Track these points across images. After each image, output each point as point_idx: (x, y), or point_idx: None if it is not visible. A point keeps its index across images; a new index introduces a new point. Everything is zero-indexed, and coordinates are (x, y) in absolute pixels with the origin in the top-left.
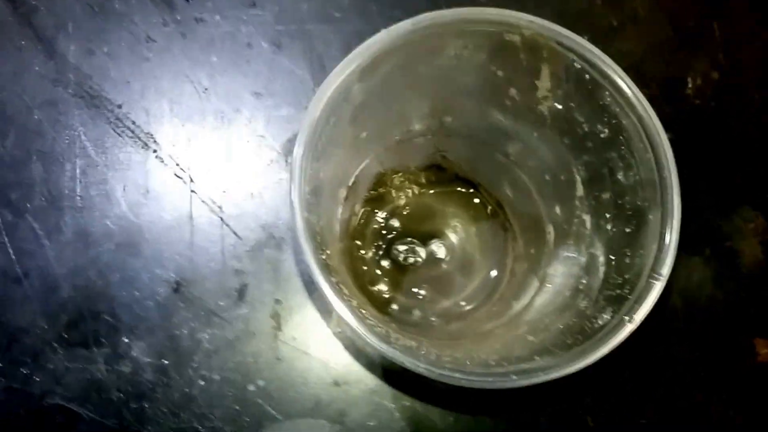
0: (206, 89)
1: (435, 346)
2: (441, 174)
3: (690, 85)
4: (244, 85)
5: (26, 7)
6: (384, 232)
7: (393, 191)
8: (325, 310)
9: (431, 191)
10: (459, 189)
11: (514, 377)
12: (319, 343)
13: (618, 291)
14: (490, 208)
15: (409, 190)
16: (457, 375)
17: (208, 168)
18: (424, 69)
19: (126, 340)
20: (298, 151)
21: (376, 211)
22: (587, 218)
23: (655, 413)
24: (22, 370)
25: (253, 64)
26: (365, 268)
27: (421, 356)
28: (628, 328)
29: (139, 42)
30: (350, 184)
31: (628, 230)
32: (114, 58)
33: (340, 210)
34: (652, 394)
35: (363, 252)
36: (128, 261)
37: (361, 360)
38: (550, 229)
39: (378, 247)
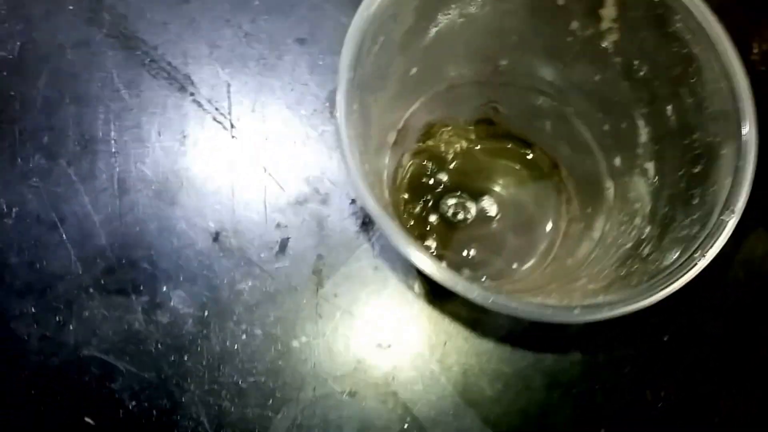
0: (247, 34)
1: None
2: (492, 129)
3: (755, 51)
4: (287, 30)
5: None
6: (432, 186)
7: (442, 144)
8: (370, 267)
9: (482, 146)
10: (510, 146)
11: (577, 311)
12: (361, 303)
13: (686, 231)
14: (543, 167)
15: (458, 145)
16: (513, 305)
17: (249, 114)
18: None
19: (165, 289)
20: (344, 64)
21: (424, 163)
22: (650, 166)
23: (716, 385)
24: (56, 317)
25: (298, 8)
26: (412, 222)
27: (478, 286)
28: (700, 264)
29: None
30: (399, 128)
31: (696, 170)
32: None
33: (387, 158)
34: (714, 367)
35: (410, 206)
36: (166, 209)
37: (404, 322)
38: (610, 185)
39: (426, 202)
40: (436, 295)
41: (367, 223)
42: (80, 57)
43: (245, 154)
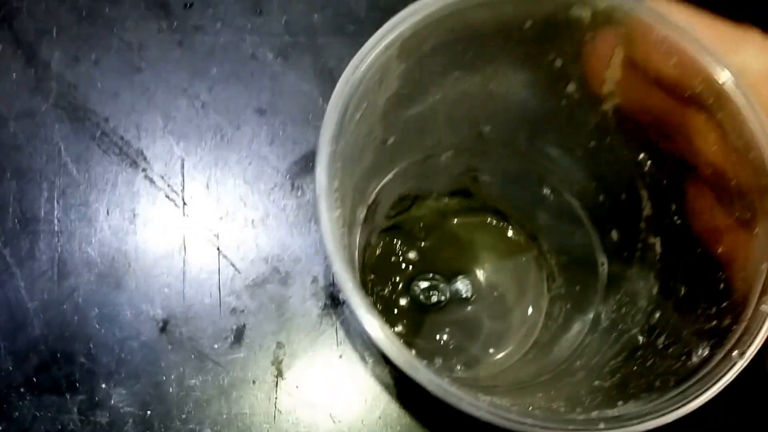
0: (204, 104)
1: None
2: (468, 201)
3: None
4: (246, 100)
5: (6, 9)
6: (402, 266)
7: (414, 220)
8: (334, 355)
9: (456, 221)
10: (487, 219)
11: (602, 425)
12: (326, 394)
13: (714, 323)
14: (521, 241)
15: (431, 220)
16: (528, 421)
17: (203, 191)
18: (472, 53)
19: (104, 387)
20: (325, 137)
21: (394, 241)
22: (656, 241)
23: None
24: None
25: (257, 77)
26: (380, 306)
27: (479, 399)
28: (740, 365)
29: (130, 50)
30: (369, 203)
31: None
32: (102, 68)
33: (357, 237)
34: None
35: (378, 288)
36: (110, 295)
37: (374, 414)
38: (604, 260)
39: (395, 284)
40: (410, 388)
41: (329, 305)
42: (24, 128)
43: (198, 234)
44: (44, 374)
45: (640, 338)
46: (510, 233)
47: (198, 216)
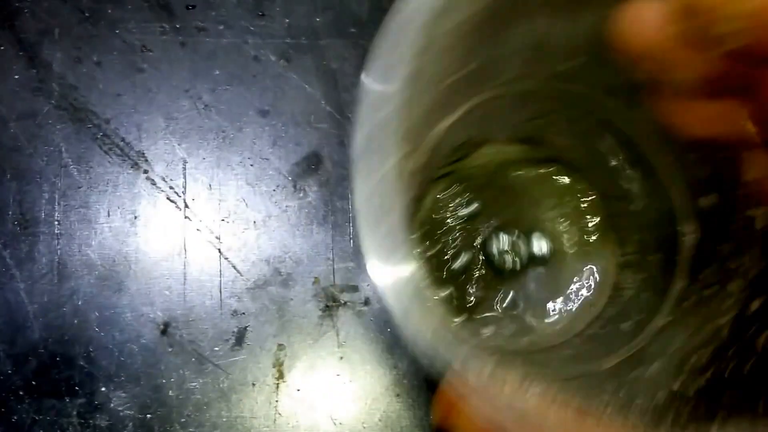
0: (206, 105)
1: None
2: (534, 151)
3: None
4: (248, 101)
5: (8, 10)
6: (457, 220)
7: (473, 168)
8: (335, 357)
9: (519, 172)
10: (554, 173)
11: None
12: (327, 397)
13: None
14: (591, 199)
15: (494, 169)
16: None
17: (205, 192)
18: None
19: (104, 390)
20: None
21: (449, 191)
22: (760, 213)
23: None
24: None
25: (260, 79)
26: (429, 266)
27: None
28: None
29: (133, 51)
30: (425, 150)
31: None
32: (104, 68)
33: (404, 190)
34: None
35: (428, 245)
36: (110, 297)
37: (375, 416)
38: (691, 228)
39: (448, 242)
40: (411, 390)
41: (330, 307)
42: (25, 130)
43: (199, 236)
44: (44, 377)
45: (732, 332)
46: (578, 189)
47: (199, 218)
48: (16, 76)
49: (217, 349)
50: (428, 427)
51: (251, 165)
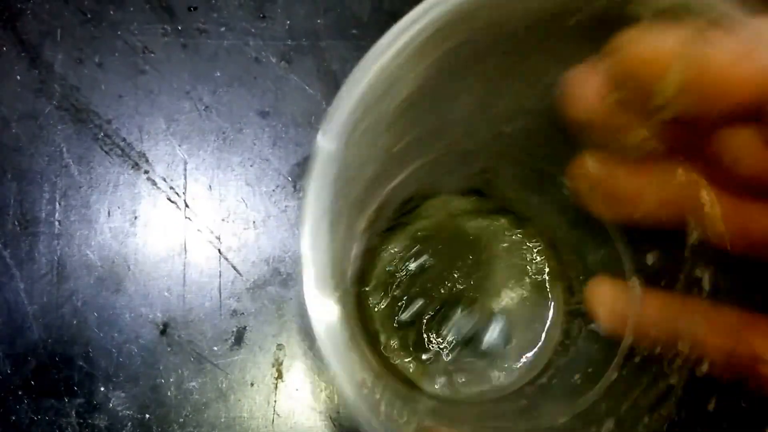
0: (207, 106)
1: None
2: (481, 203)
3: None
4: (249, 103)
5: (10, 11)
6: (404, 274)
7: (420, 221)
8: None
9: (466, 223)
10: (501, 223)
11: None
12: (327, 399)
13: None
14: (538, 250)
15: (440, 222)
16: None
17: (206, 192)
18: (500, 51)
19: (103, 390)
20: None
21: (395, 248)
22: (705, 274)
23: None
24: None
25: (260, 80)
26: (377, 317)
27: None
28: None
29: (134, 52)
30: (370, 212)
31: None
32: (106, 70)
33: (354, 247)
34: None
35: (375, 302)
36: (109, 298)
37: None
38: (635, 283)
39: (396, 296)
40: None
41: None
42: (26, 130)
43: (199, 236)
44: (42, 377)
45: (681, 393)
46: (527, 239)
47: (199, 218)
48: (18, 77)
49: (216, 349)
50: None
51: (251, 166)
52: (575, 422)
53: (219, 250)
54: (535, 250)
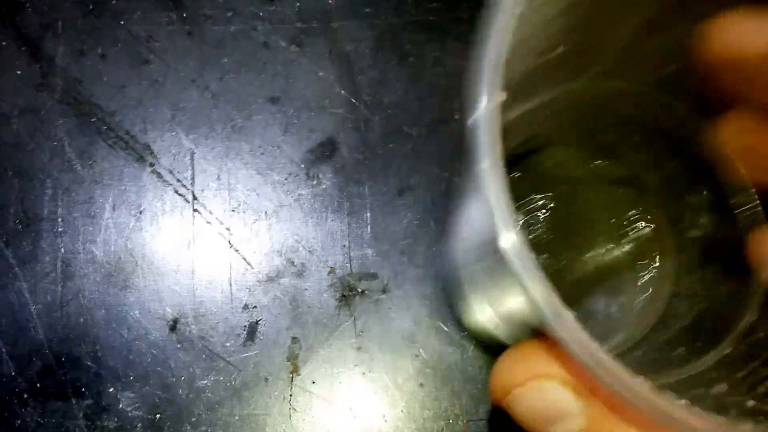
0: (214, 94)
1: None
2: (608, 166)
3: None
4: (258, 89)
5: (10, 4)
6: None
7: (537, 167)
8: (352, 347)
9: (587, 191)
10: (619, 192)
11: None
12: (345, 389)
13: None
14: (655, 224)
15: (559, 174)
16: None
17: (214, 183)
18: None
19: (112, 390)
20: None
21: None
22: None
23: None
24: None
25: (270, 65)
26: None
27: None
28: None
29: (138, 42)
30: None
31: None
32: (108, 61)
33: None
34: None
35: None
36: (116, 294)
37: (397, 407)
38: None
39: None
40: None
41: (347, 296)
42: (27, 125)
43: (209, 229)
44: (48, 379)
45: None
46: (645, 210)
47: (208, 210)
48: (18, 72)
49: (228, 344)
50: (453, 417)
51: (261, 154)
52: (678, 384)
53: (229, 242)
54: (651, 226)
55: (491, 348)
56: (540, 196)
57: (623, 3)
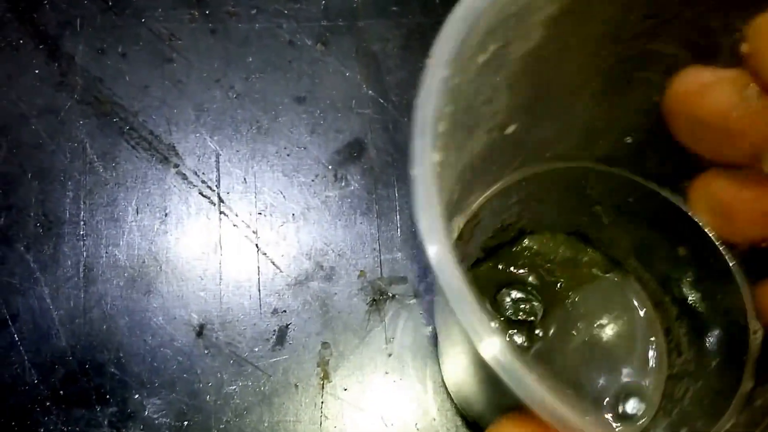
0: (239, 94)
1: None
2: (582, 247)
3: None
4: (284, 88)
5: (27, 1)
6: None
7: (516, 257)
8: (384, 353)
9: (566, 269)
10: (603, 273)
11: None
12: (376, 396)
13: None
14: (644, 305)
15: (537, 262)
16: None
17: (241, 185)
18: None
19: (137, 397)
20: (438, 56)
21: (487, 279)
22: None
23: None
24: None
25: (296, 64)
26: None
27: None
28: None
29: (160, 40)
30: (469, 216)
31: None
32: (130, 60)
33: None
34: None
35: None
36: (140, 300)
37: (429, 415)
38: (757, 327)
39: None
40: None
41: (377, 300)
42: (46, 126)
43: (235, 232)
44: (72, 386)
45: None
46: (630, 295)
47: (235, 213)
48: (37, 71)
49: (256, 350)
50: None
51: (288, 155)
52: None
53: (256, 246)
54: (642, 311)
55: None
56: (519, 282)
57: (570, 78)
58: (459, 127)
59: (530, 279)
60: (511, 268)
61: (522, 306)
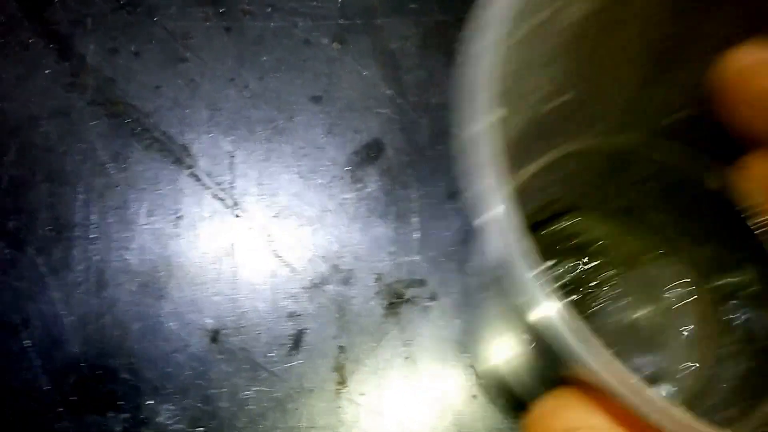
0: (254, 94)
1: None
2: (630, 227)
3: None
4: (299, 88)
5: (37, 0)
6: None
7: (559, 237)
8: (401, 357)
9: (611, 246)
10: (651, 254)
11: None
12: (394, 401)
13: None
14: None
15: (582, 244)
16: None
17: (255, 187)
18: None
19: (150, 403)
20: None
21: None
22: None
23: None
24: None
25: (311, 63)
26: None
27: None
28: None
29: (173, 39)
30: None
31: None
32: (142, 59)
33: None
34: None
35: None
36: (153, 305)
37: (446, 420)
38: None
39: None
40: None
41: (394, 304)
42: (57, 128)
43: (250, 235)
44: (84, 393)
45: None
46: (676, 276)
47: (249, 215)
48: (47, 71)
49: (271, 354)
50: (508, 430)
51: (304, 156)
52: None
53: (272, 249)
54: (688, 292)
55: None
56: (564, 261)
57: (626, 44)
58: (514, 90)
59: (571, 258)
60: (554, 247)
61: (563, 284)
